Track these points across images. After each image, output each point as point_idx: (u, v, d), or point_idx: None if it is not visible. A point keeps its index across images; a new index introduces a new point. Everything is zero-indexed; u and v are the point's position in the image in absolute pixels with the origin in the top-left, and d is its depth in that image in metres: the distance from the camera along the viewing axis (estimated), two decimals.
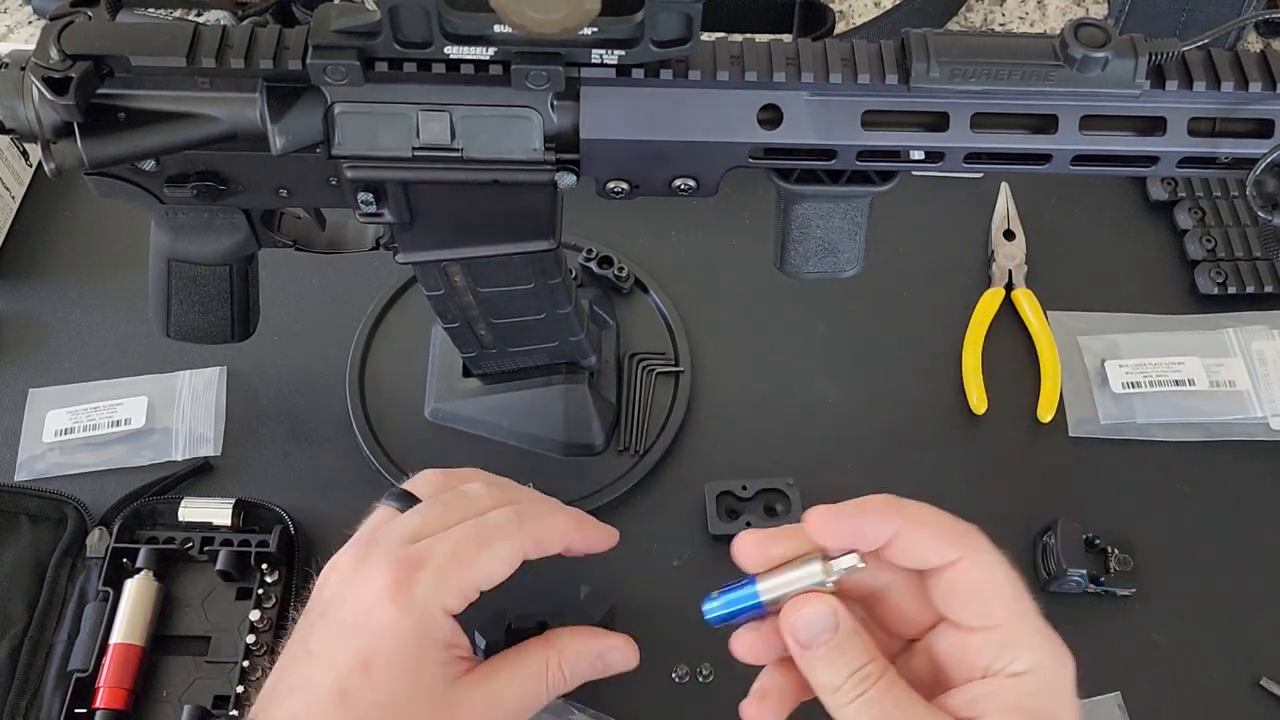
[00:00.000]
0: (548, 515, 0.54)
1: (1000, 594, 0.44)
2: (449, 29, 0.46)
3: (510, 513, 0.52)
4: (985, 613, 0.44)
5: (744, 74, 0.50)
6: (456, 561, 0.49)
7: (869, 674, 0.43)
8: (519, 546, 0.51)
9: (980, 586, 0.44)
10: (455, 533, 0.50)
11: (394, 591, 0.48)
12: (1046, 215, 0.83)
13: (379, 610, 0.48)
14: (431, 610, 0.48)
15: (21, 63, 0.49)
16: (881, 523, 0.44)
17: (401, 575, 0.48)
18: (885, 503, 0.44)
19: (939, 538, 0.44)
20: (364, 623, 0.48)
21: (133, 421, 0.73)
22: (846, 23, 0.95)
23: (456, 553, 0.49)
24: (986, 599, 0.44)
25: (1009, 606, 0.44)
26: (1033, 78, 0.49)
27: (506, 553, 0.50)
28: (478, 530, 0.51)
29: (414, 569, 0.48)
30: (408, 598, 0.47)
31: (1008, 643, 0.43)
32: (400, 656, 0.47)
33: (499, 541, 0.50)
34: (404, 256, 0.58)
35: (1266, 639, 0.66)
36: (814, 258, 0.58)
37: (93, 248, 0.82)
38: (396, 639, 0.47)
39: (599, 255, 0.77)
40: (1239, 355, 0.75)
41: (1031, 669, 0.43)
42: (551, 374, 0.70)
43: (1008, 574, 0.44)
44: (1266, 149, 0.50)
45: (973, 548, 0.44)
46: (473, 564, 0.49)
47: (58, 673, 0.65)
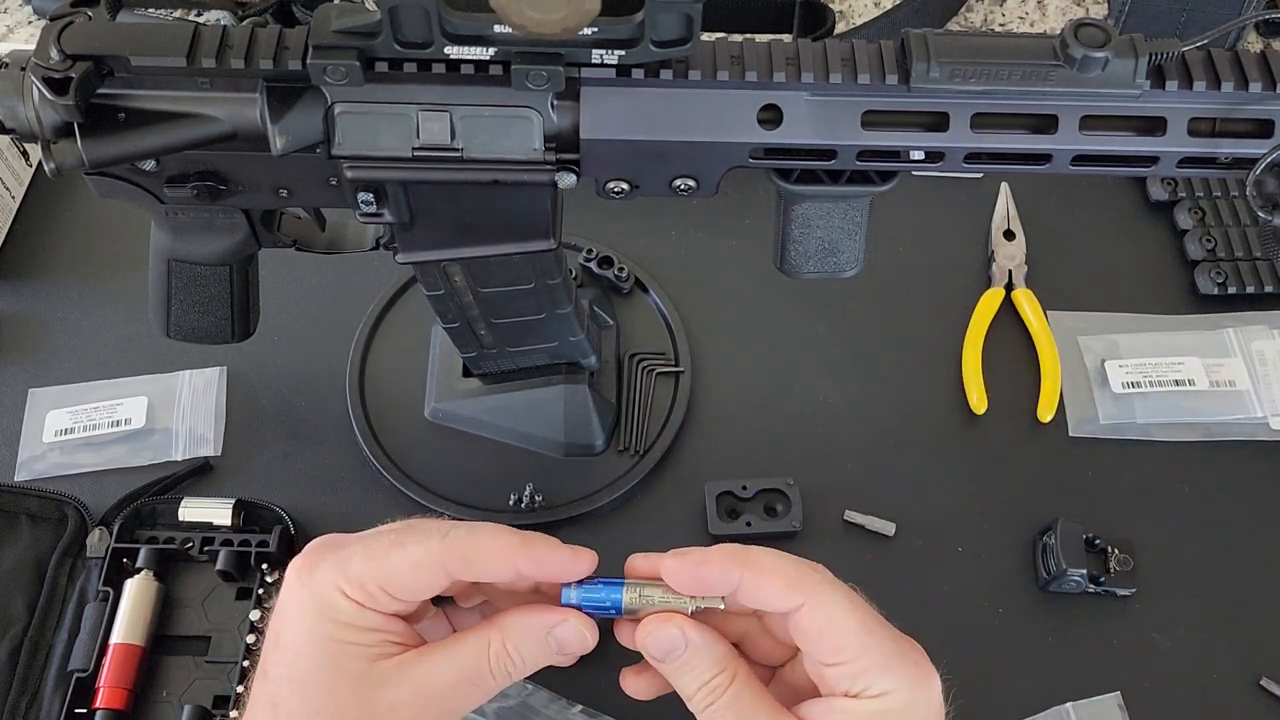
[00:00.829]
0: (483, 533, 0.49)
1: (844, 631, 0.46)
2: (449, 29, 0.46)
3: (439, 522, 0.50)
4: (833, 651, 0.46)
5: (744, 74, 0.50)
6: (364, 553, 0.48)
7: (717, 686, 0.46)
8: (434, 554, 0.47)
9: (824, 628, 0.46)
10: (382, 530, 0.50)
11: (300, 570, 0.48)
12: (1046, 215, 0.83)
13: (288, 589, 0.48)
14: (328, 592, 0.47)
15: (21, 63, 0.49)
16: (725, 572, 0.47)
17: (311, 558, 0.48)
18: (728, 553, 0.47)
19: (779, 586, 0.46)
20: (280, 602, 0.48)
21: (133, 421, 0.73)
22: (846, 23, 0.95)
23: (368, 546, 0.48)
24: (832, 638, 0.46)
25: (855, 641, 0.46)
26: (1033, 78, 0.49)
27: (417, 555, 0.47)
28: (396, 530, 0.49)
29: (325, 553, 0.48)
30: (309, 576, 0.47)
31: (858, 674, 0.46)
32: (304, 632, 0.47)
33: (413, 545, 0.48)
34: (404, 256, 0.58)
35: (1266, 639, 0.66)
36: (814, 258, 0.58)
37: (93, 248, 0.82)
38: (299, 614, 0.47)
39: (599, 255, 0.77)
40: (1239, 355, 0.75)
41: (884, 693, 0.46)
42: (551, 374, 0.70)
43: (851, 609, 0.46)
44: (1266, 149, 0.50)
45: (813, 591, 0.46)
46: (378, 559, 0.47)
47: (58, 673, 0.65)
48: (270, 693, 0.47)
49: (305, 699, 0.46)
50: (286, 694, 0.47)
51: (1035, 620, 0.67)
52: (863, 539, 0.69)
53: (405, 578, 0.47)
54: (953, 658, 0.63)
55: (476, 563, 0.48)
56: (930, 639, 0.61)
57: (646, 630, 0.48)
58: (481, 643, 0.48)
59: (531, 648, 0.49)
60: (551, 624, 0.49)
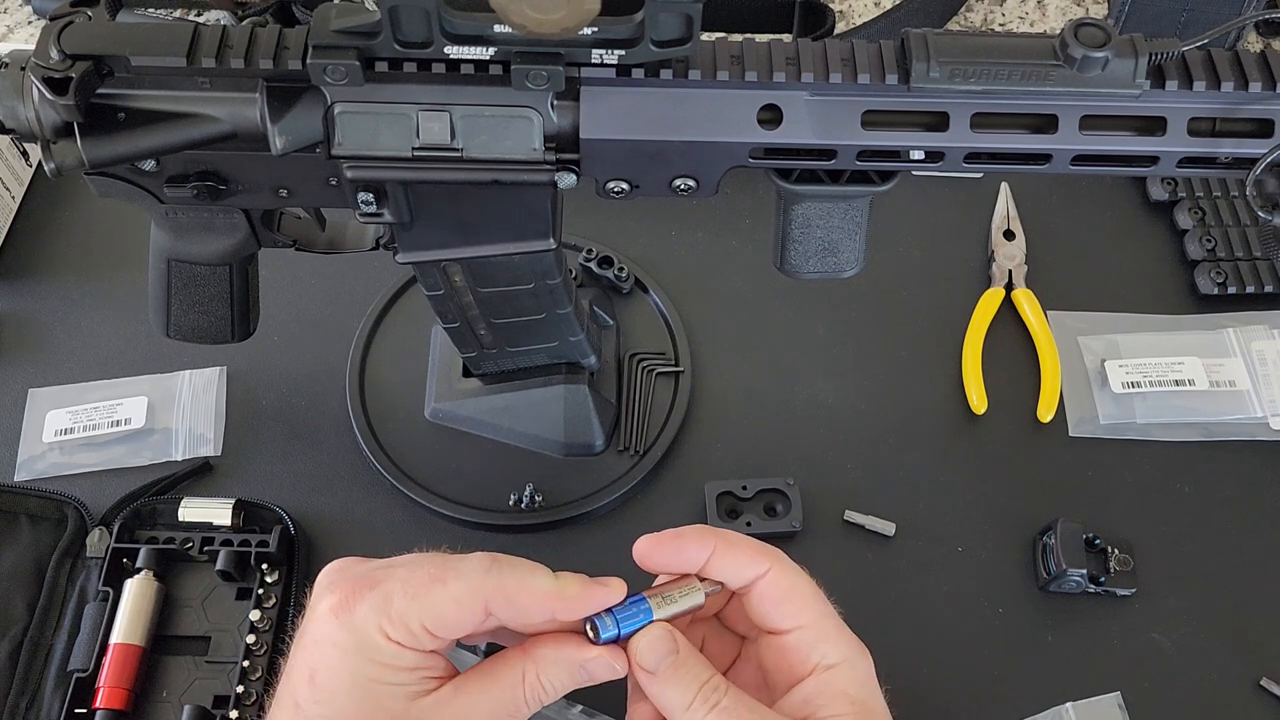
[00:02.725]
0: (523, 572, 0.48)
1: (804, 596, 0.49)
2: (449, 29, 0.46)
3: (483, 558, 0.49)
4: (795, 614, 0.49)
5: (744, 74, 0.50)
6: (405, 591, 0.47)
7: (716, 685, 0.47)
8: (477, 591, 0.47)
9: (787, 592, 0.49)
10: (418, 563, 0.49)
11: (337, 608, 0.47)
12: (1046, 215, 0.83)
13: (323, 624, 0.47)
14: (370, 633, 0.46)
15: (21, 63, 0.49)
16: (698, 545, 0.49)
17: (349, 594, 0.47)
18: (700, 530, 0.50)
19: (749, 554, 0.49)
20: (312, 637, 0.48)
21: (133, 421, 0.73)
22: (846, 23, 0.95)
23: (408, 582, 0.47)
24: (794, 602, 0.49)
25: (814, 607, 0.49)
26: (1033, 78, 0.49)
27: (459, 592, 0.47)
28: (438, 565, 0.48)
29: (362, 589, 0.47)
30: (348, 616, 0.47)
31: (817, 640, 0.48)
32: (342, 672, 0.46)
33: (454, 581, 0.47)
34: (404, 256, 0.58)
35: (1266, 639, 0.66)
36: (814, 258, 0.58)
37: (93, 248, 0.82)
38: (337, 655, 0.47)
39: (599, 255, 0.77)
40: (1239, 355, 0.75)
41: (841, 661, 0.48)
42: (551, 374, 0.70)
43: (809, 581, 0.50)
44: (1266, 149, 0.50)
45: (778, 560, 0.49)
46: (421, 598, 0.47)
47: (58, 673, 0.65)
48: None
49: None
50: None
51: (1035, 620, 0.67)
52: (863, 539, 0.69)
53: (448, 615, 0.47)
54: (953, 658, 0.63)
55: (518, 604, 0.47)
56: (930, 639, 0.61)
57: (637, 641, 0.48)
58: (516, 676, 0.48)
59: (564, 678, 0.49)
60: (585, 658, 0.49)
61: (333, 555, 0.53)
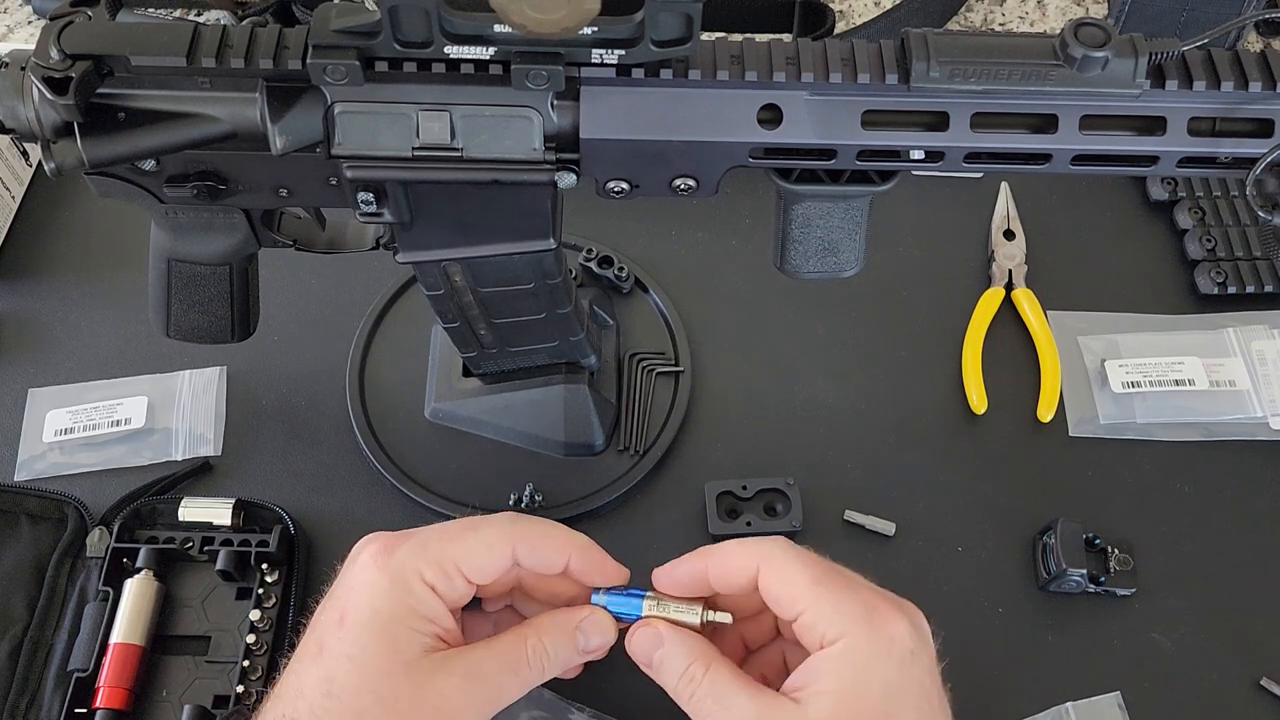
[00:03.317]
0: (547, 525, 0.55)
1: (796, 586, 0.51)
2: (449, 29, 0.46)
3: (508, 514, 0.55)
4: (790, 605, 0.51)
5: (744, 74, 0.50)
6: (439, 535, 0.53)
7: (694, 675, 0.51)
8: (506, 537, 0.53)
9: (779, 586, 0.51)
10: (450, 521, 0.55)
11: (377, 554, 0.52)
12: (1046, 215, 0.83)
13: (363, 570, 0.52)
14: (407, 575, 0.51)
15: (21, 63, 0.49)
16: (694, 564, 0.54)
17: (388, 543, 0.53)
18: (696, 552, 0.54)
19: (737, 561, 0.52)
20: (347, 585, 0.52)
21: (133, 421, 0.73)
22: (846, 23, 0.95)
23: (442, 530, 0.53)
24: (788, 593, 0.51)
25: (806, 593, 0.50)
26: (1033, 77, 0.49)
27: (492, 538, 0.53)
28: (469, 519, 0.55)
29: (401, 539, 0.53)
30: (386, 560, 0.52)
31: (813, 623, 0.50)
32: (372, 613, 0.50)
33: (485, 528, 0.53)
34: (404, 256, 0.58)
35: (1266, 639, 0.66)
36: (814, 258, 0.58)
37: (93, 248, 0.82)
38: (370, 595, 0.51)
39: (599, 255, 0.77)
40: (1239, 355, 0.75)
41: (838, 639, 0.49)
42: (551, 374, 0.70)
43: (803, 567, 0.51)
44: (1266, 149, 0.50)
45: (765, 556, 0.52)
46: (456, 541, 0.52)
47: (58, 673, 0.65)
48: (327, 668, 0.50)
49: (362, 677, 0.49)
50: (344, 671, 0.49)
51: (1035, 620, 0.67)
52: (863, 539, 0.69)
53: (480, 558, 0.52)
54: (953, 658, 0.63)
55: (540, 549, 0.54)
56: None
57: (630, 636, 0.54)
58: (519, 637, 0.53)
59: (561, 642, 0.54)
60: (578, 619, 0.54)
61: (333, 555, 0.53)
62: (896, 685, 0.49)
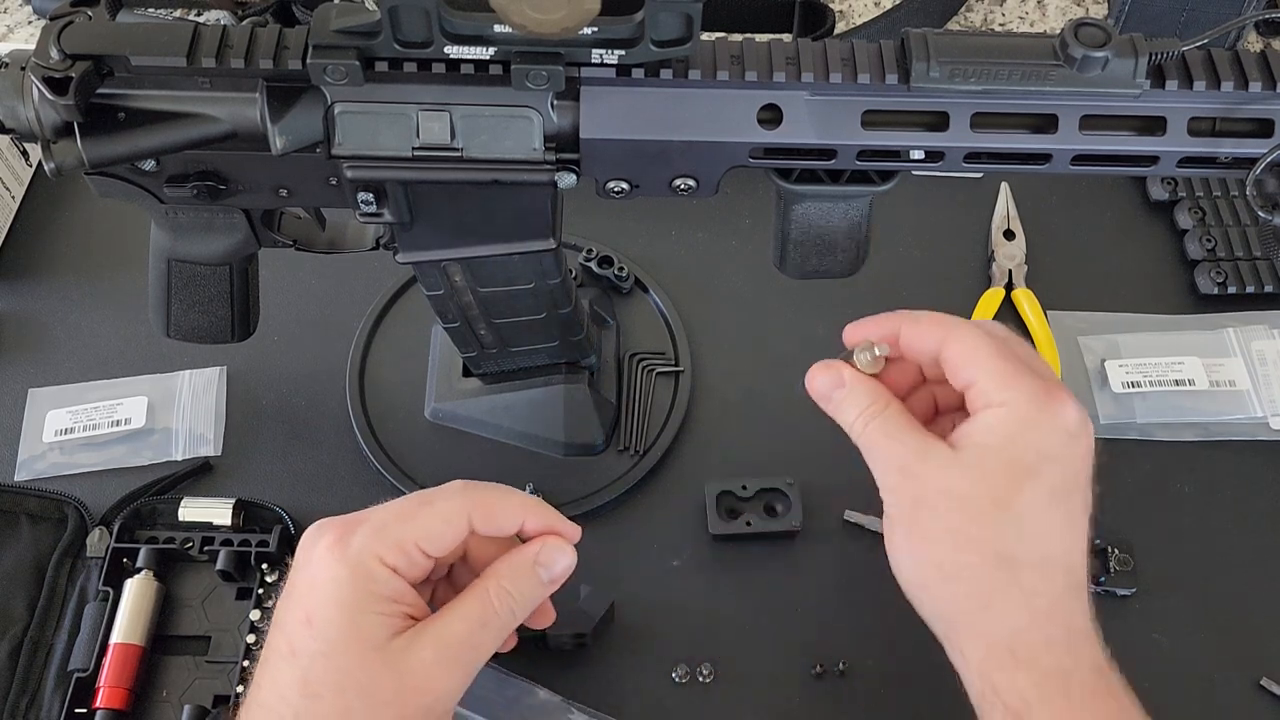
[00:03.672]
0: (498, 490, 0.55)
1: (976, 357, 0.54)
2: (449, 29, 0.46)
3: (458, 482, 0.54)
4: (965, 375, 0.54)
5: (744, 74, 0.50)
6: (395, 516, 0.52)
7: (872, 412, 0.55)
8: (461, 507, 0.52)
9: (961, 356, 0.54)
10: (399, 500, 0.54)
11: (333, 546, 0.51)
12: (1046, 215, 0.83)
13: (321, 564, 0.51)
14: (367, 560, 0.50)
15: (21, 63, 0.49)
16: (890, 322, 0.57)
17: (342, 532, 0.51)
18: (890, 314, 0.58)
19: (927, 328, 0.56)
20: (307, 581, 0.51)
21: (133, 421, 0.73)
22: (846, 23, 0.95)
23: (396, 509, 0.53)
24: (967, 364, 0.54)
25: (986, 365, 0.53)
26: (1033, 78, 0.49)
27: (446, 510, 0.52)
28: (421, 493, 0.54)
29: (355, 525, 0.52)
30: (344, 549, 0.50)
31: (984, 391, 0.53)
32: (337, 607, 0.49)
33: (440, 501, 0.53)
34: (404, 256, 0.58)
35: (1266, 639, 0.66)
36: (814, 258, 0.58)
37: (93, 248, 0.82)
38: (334, 589, 0.50)
39: (599, 255, 0.77)
40: (1239, 355, 0.75)
41: (1002, 403, 0.52)
42: (551, 374, 0.70)
43: (988, 342, 0.54)
44: (1266, 149, 0.50)
45: (953, 328, 0.55)
46: (410, 519, 0.52)
47: (58, 673, 0.65)
48: (302, 668, 0.49)
49: (339, 671, 0.49)
50: (320, 668, 0.49)
51: None
52: (863, 539, 0.69)
53: (437, 531, 0.52)
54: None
55: (495, 515, 0.53)
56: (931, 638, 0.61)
57: (812, 376, 0.57)
58: (481, 590, 0.52)
59: (523, 579, 0.53)
60: (534, 552, 0.54)
61: None
62: (1050, 454, 0.52)
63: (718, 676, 0.65)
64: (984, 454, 0.52)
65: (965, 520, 0.52)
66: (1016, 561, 0.52)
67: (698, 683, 0.65)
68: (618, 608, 0.65)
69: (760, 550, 0.69)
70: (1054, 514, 0.53)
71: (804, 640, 0.66)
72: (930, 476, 0.53)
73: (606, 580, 0.66)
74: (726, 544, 0.69)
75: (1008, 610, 0.52)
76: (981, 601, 0.52)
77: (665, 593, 0.67)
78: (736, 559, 0.69)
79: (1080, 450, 0.53)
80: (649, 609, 0.66)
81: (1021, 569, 0.52)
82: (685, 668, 0.65)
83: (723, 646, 0.66)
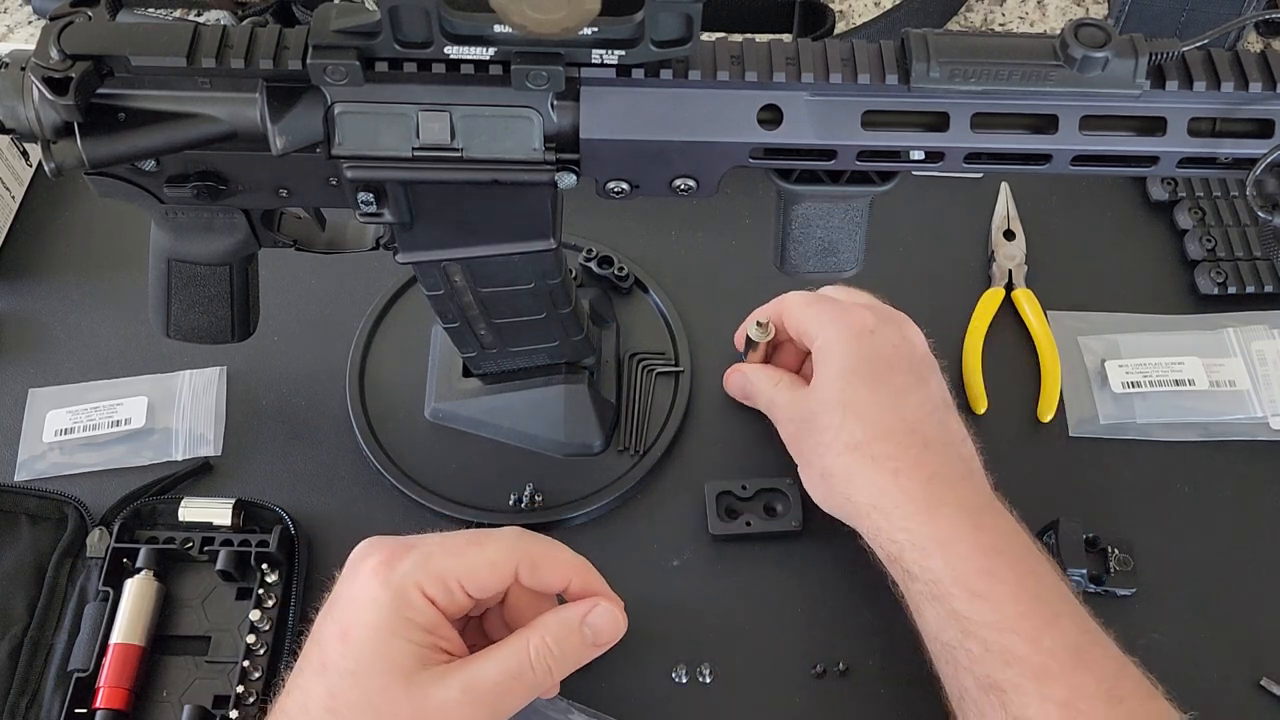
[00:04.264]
0: (550, 546, 0.56)
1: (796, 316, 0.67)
2: (449, 29, 0.46)
3: (513, 530, 0.55)
4: (796, 331, 0.67)
5: (744, 74, 0.50)
6: (443, 549, 0.53)
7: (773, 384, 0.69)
8: (509, 553, 0.53)
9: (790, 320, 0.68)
10: (453, 534, 0.55)
11: (379, 568, 0.52)
12: (1046, 215, 0.83)
13: (365, 583, 0.51)
14: (408, 588, 0.51)
15: (21, 63, 0.49)
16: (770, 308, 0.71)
17: (389, 556, 0.52)
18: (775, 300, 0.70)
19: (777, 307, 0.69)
20: (349, 597, 0.52)
21: (133, 421, 0.73)
22: (846, 23, 0.95)
23: (445, 543, 0.53)
24: (794, 325, 0.68)
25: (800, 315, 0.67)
26: (1033, 78, 0.49)
27: (495, 554, 0.53)
28: (474, 532, 0.55)
29: (403, 550, 0.53)
30: (388, 573, 0.51)
31: (808, 333, 0.66)
32: (373, 629, 0.50)
33: (490, 544, 0.53)
34: (404, 256, 0.58)
35: (1266, 639, 0.66)
36: (814, 258, 0.58)
37: (93, 248, 0.82)
38: (373, 611, 0.50)
39: (599, 255, 0.77)
40: (1239, 355, 0.75)
41: (817, 336, 0.66)
42: (551, 374, 0.70)
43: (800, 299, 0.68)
44: (1266, 149, 0.50)
45: (782, 301, 0.69)
46: (458, 555, 0.52)
47: (58, 673, 0.65)
48: (330, 683, 0.50)
49: (365, 692, 0.49)
50: (347, 687, 0.50)
51: None
52: (862, 538, 0.69)
53: (483, 574, 0.52)
54: None
55: (542, 570, 0.54)
56: None
57: (726, 380, 0.73)
58: (522, 642, 0.52)
59: (568, 639, 0.53)
60: (583, 612, 0.54)
61: (333, 555, 0.53)
62: (858, 355, 0.63)
63: (718, 676, 0.65)
64: (820, 376, 0.64)
65: (820, 431, 0.63)
66: (861, 444, 0.61)
67: (698, 683, 0.65)
68: None
69: (760, 550, 0.69)
70: (878, 396, 0.62)
71: (804, 640, 0.66)
72: (801, 412, 0.65)
73: (606, 580, 0.66)
74: (726, 544, 0.69)
75: (871, 481, 0.60)
76: (854, 485, 0.61)
77: (665, 593, 0.67)
78: (736, 559, 0.69)
79: (878, 342, 0.64)
80: (649, 609, 0.66)
81: (870, 446, 0.61)
82: (685, 668, 0.65)
83: (723, 646, 0.66)
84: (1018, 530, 0.59)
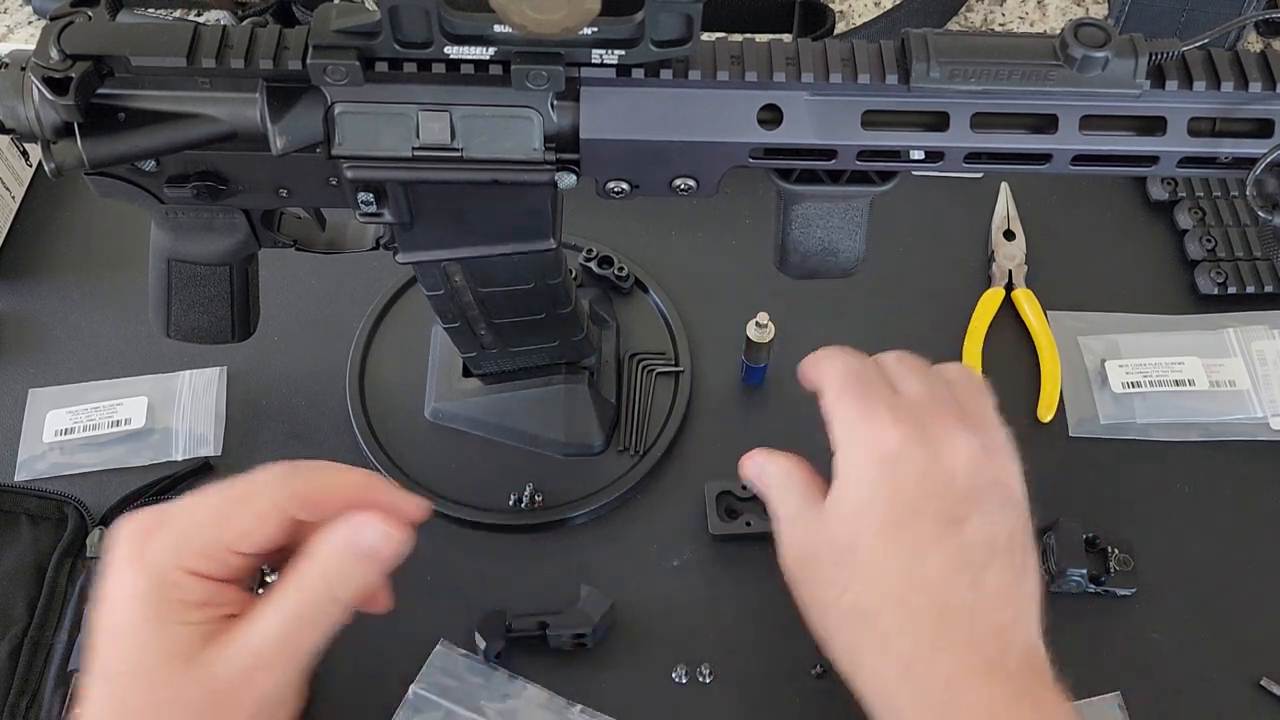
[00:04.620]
0: (323, 473, 0.51)
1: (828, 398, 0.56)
2: (449, 29, 0.47)
3: (279, 469, 0.51)
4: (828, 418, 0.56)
5: (744, 74, 0.50)
6: (203, 520, 0.49)
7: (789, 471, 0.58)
8: (276, 501, 0.49)
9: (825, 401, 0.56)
10: (212, 491, 0.50)
11: (129, 557, 0.48)
12: (1046, 215, 0.83)
13: (119, 577, 0.48)
14: (168, 571, 0.47)
15: (21, 63, 0.49)
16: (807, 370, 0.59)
17: (141, 540, 0.48)
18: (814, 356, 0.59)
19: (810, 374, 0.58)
20: (110, 597, 0.48)
21: (133, 422, 0.73)
22: (846, 23, 0.95)
23: (204, 510, 0.49)
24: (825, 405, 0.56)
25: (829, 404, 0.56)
26: (1033, 78, 0.49)
27: (262, 507, 0.49)
28: (236, 487, 0.50)
29: (154, 531, 0.48)
30: (139, 559, 0.47)
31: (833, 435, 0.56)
32: (140, 622, 0.47)
33: (254, 498, 0.49)
34: (404, 256, 0.58)
35: (1266, 639, 0.66)
36: (814, 258, 0.58)
37: (93, 248, 0.82)
38: (135, 604, 0.47)
39: (599, 255, 0.77)
40: (1239, 355, 0.75)
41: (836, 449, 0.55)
42: (551, 374, 0.70)
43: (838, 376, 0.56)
44: (1266, 149, 0.50)
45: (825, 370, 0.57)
46: (219, 524, 0.48)
47: (58, 673, 0.65)
48: (113, 690, 0.47)
49: (149, 690, 0.46)
50: (129, 689, 0.47)
51: None
52: None
53: (253, 533, 0.48)
54: None
55: (320, 501, 0.50)
56: None
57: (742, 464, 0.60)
58: (296, 577, 0.49)
59: (335, 561, 0.49)
60: (349, 536, 0.49)
61: None
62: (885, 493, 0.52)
63: (718, 676, 0.65)
64: (833, 500, 0.54)
65: (821, 584, 0.54)
66: (868, 614, 0.51)
67: (698, 683, 0.65)
68: (618, 608, 0.65)
69: (760, 550, 0.69)
70: (891, 547, 0.52)
71: (804, 640, 0.65)
72: (804, 544, 0.55)
73: (606, 580, 0.66)
74: (726, 544, 0.69)
75: (878, 674, 0.51)
76: (859, 676, 0.52)
77: (665, 593, 0.67)
78: (736, 559, 0.69)
79: (900, 471, 0.52)
80: (649, 609, 0.66)
81: (878, 620, 0.51)
82: (685, 668, 0.65)
83: (723, 646, 0.66)
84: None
